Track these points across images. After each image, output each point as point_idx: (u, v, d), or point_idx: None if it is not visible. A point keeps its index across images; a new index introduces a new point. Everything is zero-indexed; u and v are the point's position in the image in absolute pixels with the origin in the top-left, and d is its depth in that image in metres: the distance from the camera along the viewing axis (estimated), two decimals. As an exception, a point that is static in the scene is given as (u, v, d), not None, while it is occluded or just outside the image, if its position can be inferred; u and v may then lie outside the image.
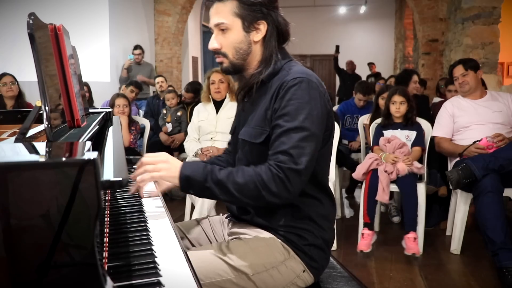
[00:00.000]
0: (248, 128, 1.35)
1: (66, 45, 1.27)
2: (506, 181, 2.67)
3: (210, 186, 1.22)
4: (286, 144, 1.21)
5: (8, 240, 0.68)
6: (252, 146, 1.33)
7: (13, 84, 3.98)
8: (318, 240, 1.34)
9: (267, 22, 1.31)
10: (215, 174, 1.23)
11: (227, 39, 1.32)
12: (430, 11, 7.17)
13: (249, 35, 1.31)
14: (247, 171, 1.23)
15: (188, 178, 1.24)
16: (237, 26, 1.30)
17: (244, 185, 1.21)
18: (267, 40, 1.33)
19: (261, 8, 1.29)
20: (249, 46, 1.32)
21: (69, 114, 1.25)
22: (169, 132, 4.60)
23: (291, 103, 1.24)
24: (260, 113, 1.32)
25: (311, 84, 1.26)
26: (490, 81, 5.27)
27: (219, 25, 1.31)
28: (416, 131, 3.12)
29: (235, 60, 1.34)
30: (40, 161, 0.77)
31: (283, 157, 1.21)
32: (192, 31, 9.50)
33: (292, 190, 1.21)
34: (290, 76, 1.27)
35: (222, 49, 1.33)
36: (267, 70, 1.32)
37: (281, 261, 1.31)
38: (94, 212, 0.72)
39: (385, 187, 2.87)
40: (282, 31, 1.34)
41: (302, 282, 1.34)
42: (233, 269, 1.27)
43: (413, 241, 2.78)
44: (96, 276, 0.72)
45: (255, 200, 1.22)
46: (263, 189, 1.20)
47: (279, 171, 1.20)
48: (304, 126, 1.22)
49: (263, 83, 1.34)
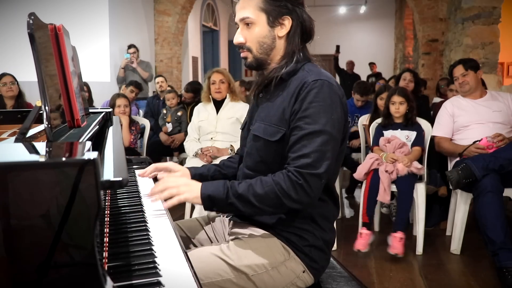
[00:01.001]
0: (262, 124, 1.35)
1: (66, 45, 1.27)
2: (506, 181, 2.67)
3: (233, 201, 1.24)
4: (307, 148, 1.22)
5: (8, 240, 0.68)
6: (267, 143, 1.33)
7: (13, 84, 3.98)
8: (318, 241, 1.34)
9: (291, 18, 1.32)
10: (235, 189, 1.25)
11: (252, 34, 1.33)
12: (430, 11, 7.17)
13: (274, 30, 1.32)
14: (265, 182, 1.24)
15: (210, 197, 1.26)
16: (262, 20, 1.31)
17: (265, 195, 1.22)
18: (291, 36, 1.34)
19: (286, 4, 1.31)
20: (273, 41, 1.33)
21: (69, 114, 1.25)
22: (169, 132, 4.60)
23: (313, 105, 1.24)
24: (277, 111, 1.32)
25: (332, 88, 1.27)
26: (490, 81, 5.27)
27: (244, 19, 1.32)
28: (416, 131, 3.12)
29: (259, 55, 1.34)
30: (40, 161, 0.77)
31: (304, 161, 1.21)
32: (192, 31, 9.50)
33: (312, 194, 1.22)
34: (311, 78, 1.27)
35: (247, 43, 1.34)
36: (288, 67, 1.33)
37: (281, 262, 1.31)
38: (94, 212, 0.72)
39: (386, 187, 2.88)
40: (306, 28, 1.35)
41: (302, 283, 1.34)
42: (233, 269, 1.27)
43: (399, 241, 2.78)
44: (96, 276, 0.72)
45: (277, 208, 1.24)
46: (284, 197, 1.21)
47: (299, 177, 1.20)
48: (326, 129, 1.23)
49: (281, 80, 1.34)
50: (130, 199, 1.48)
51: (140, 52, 6.60)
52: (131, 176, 1.80)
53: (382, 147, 3.12)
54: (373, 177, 2.94)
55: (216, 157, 3.14)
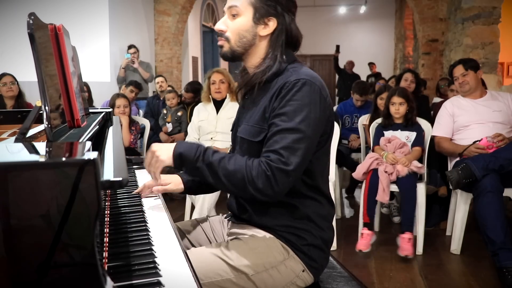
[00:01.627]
0: (247, 126, 1.36)
1: (66, 45, 1.27)
2: (506, 181, 2.67)
3: (201, 166, 1.24)
4: (279, 144, 1.22)
5: (8, 240, 0.68)
6: (251, 144, 1.33)
7: (13, 84, 3.98)
8: (317, 240, 1.34)
9: (277, 21, 1.32)
10: (208, 156, 1.25)
11: (235, 24, 1.33)
12: (430, 11, 7.17)
13: (257, 27, 1.32)
14: (239, 160, 1.24)
15: (180, 155, 1.27)
16: (248, 14, 1.32)
17: (232, 172, 1.22)
18: (273, 39, 1.33)
19: (276, 6, 1.31)
20: (253, 37, 1.33)
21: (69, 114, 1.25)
22: (169, 132, 4.60)
23: (290, 103, 1.24)
24: (259, 111, 1.32)
25: (313, 87, 1.26)
26: (490, 81, 5.27)
27: (231, 8, 1.33)
28: (416, 132, 3.12)
29: (236, 47, 1.34)
30: (40, 161, 0.77)
31: (274, 156, 1.21)
32: (192, 31, 9.50)
33: (277, 189, 1.21)
34: (293, 77, 1.27)
35: (227, 33, 1.34)
36: (271, 70, 1.32)
37: (281, 261, 1.31)
38: (94, 212, 0.72)
39: (385, 187, 2.87)
40: (292, 36, 1.35)
41: (301, 282, 1.34)
42: (232, 269, 1.27)
43: (408, 241, 2.78)
44: (96, 276, 0.72)
45: (240, 190, 1.24)
46: (249, 183, 1.20)
47: (268, 168, 1.20)
48: (299, 128, 1.22)
49: (265, 82, 1.34)
50: (130, 199, 1.48)
51: (140, 52, 6.60)
52: (131, 176, 1.80)
53: (383, 147, 3.12)
54: (372, 177, 2.94)
55: (216, 157, 3.14)
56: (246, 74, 1.40)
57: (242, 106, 1.46)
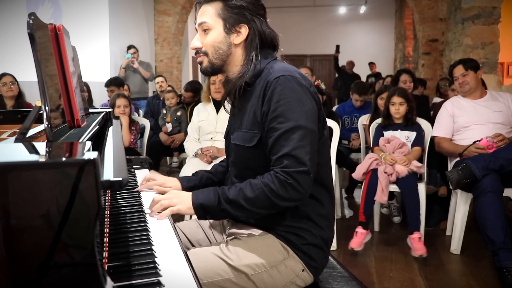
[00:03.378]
0: (240, 132, 1.36)
1: (66, 45, 1.26)
2: (506, 181, 2.67)
3: (225, 207, 1.26)
4: (287, 147, 1.22)
5: (8, 240, 0.68)
6: (246, 150, 1.34)
7: (13, 84, 3.98)
8: (317, 239, 1.35)
9: (249, 27, 1.34)
10: (226, 195, 1.26)
11: (208, 38, 1.35)
12: (430, 11, 7.17)
13: (230, 37, 1.35)
14: (255, 185, 1.24)
15: (202, 206, 1.29)
16: (218, 26, 1.34)
17: (255, 198, 1.23)
18: (248, 44, 1.36)
19: (244, 12, 1.33)
20: (228, 47, 1.35)
21: (69, 114, 1.25)
22: (169, 132, 4.60)
23: (280, 103, 1.25)
24: (249, 116, 1.33)
25: (296, 80, 1.28)
26: (490, 81, 5.27)
27: (202, 24, 1.36)
28: (416, 132, 3.12)
29: (214, 60, 1.37)
30: (40, 161, 0.77)
31: (287, 161, 1.21)
32: (192, 31, 9.50)
33: (303, 191, 1.22)
34: (273, 76, 1.28)
35: (203, 48, 1.37)
36: (248, 73, 1.34)
37: (281, 261, 1.31)
38: (94, 212, 0.72)
39: (384, 188, 2.87)
40: (266, 38, 1.37)
41: (301, 282, 1.34)
42: (232, 268, 1.27)
43: (419, 241, 2.77)
44: (96, 276, 0.72)
45: (270, 209, 1.25)
46: (275, 198, 1.22)
47: (287, 177, 1.21)
48: (300, 124, 1.23)
49: (247, 86, 1.35)
50: (130, 199, 1.48)
51: (140, 52, 6.60)
52: (131, 176, 1.80)
53: (382, 147, 3.12)
54: (371, 177, 2.94)
55: (216, 157, 3.14)
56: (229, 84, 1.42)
57: (232, 114, 1.48)
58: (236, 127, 1.40)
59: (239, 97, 1.37)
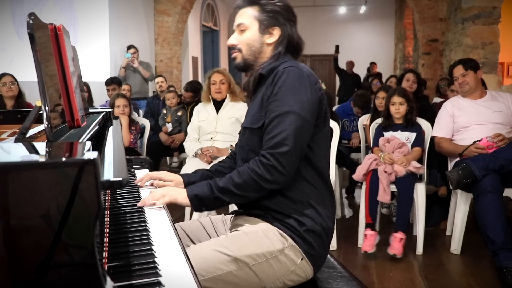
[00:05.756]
0: (249, 117, 1.48)
1: (66, 45, 1.26)
2: (506, 181, 2.67)
3: (217, 195, 1.36)
4: (277, 128, 1.33)
5: (8, 240, 0.68)
6: (252, 132, 1.44)
7: (13, 84, 3.98)
8: (317, 227, 1.37)
9: (281, 30, 1.48)
10: (217, 184, 1.37)
11: (244, 37, 1.49)
12: (430, 11, 7.16)
13: (263, 37, 1.48)
14: (242, 171, 1.36)
15: (197, 197, 1.38)
16: (254, 27, 1.48)
17: (244, 183, 1.34)
18: (277, 45, 1.49)
19: (278, 17, 1.47)
20: (261, 45, 1.49)
21: (69, 114, 1.25)
22: (169, 132, 4.60)
23: (282, 89, 1.36)
24: (259, 101, 1.44)
25: (302, 74, 1.39)
26: (490, 81, 5.27)
27: (239, 25, 1.49)
28: (416, 133, 3.11)
29: (247, 56, 1.49)
30: (40, 161, 0.77)
31: (274, 141, 1.32)
32: (192, 31, 9.50)
33: (286, 172, 1.32)
34: (282, 66, 1.40)
35: (238, 45, 1.50)
36: (267, 66, 1.45)
37: (280, 250, 1.34)
38: (94, 212, 0.72)
39: (385, 187, 2.87)
40: (294, 42, 1.50)
41: (301, 271, 1.37)
42: (233, 260, 1.29)
43: (399, 241, 2.78)
44: (96, 276, 0.72)
45: (259, 191, 1.35)
46: (261, 180, 1.32)
47: (270, 159, 1.31)
48: (293, 110, 1.33)
49: (264, 78, 1.46)
50: (130, 199, 1.48)
51: (140, 52, 6.60)
52: (131, 176, 1.80)
53: (381, 147, 3.12)
54: (372, 178, 2.94)
55: (216, 157, 3.14)
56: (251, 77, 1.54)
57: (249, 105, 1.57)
58: (249, 115, 1.50)
59: (254, 87, 1.50)
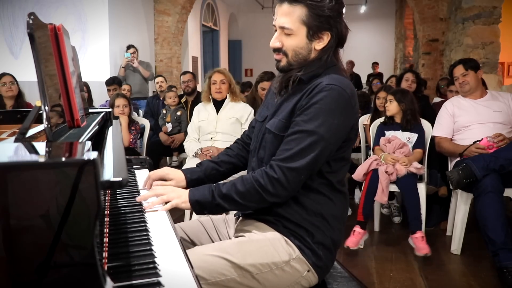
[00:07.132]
0: (276, 120, 1.38)
1: (66, 45, 1.26)
2: (506, 181, 2.66)
3: (219, 202, 1.31)
4: (294, 142, 1.27)
5: (8, 240, 0.68)
6: (276, 137, 1.37)
7: (12, 84, 3.98)
8: (327, 239, 1.35)
9: (331, 34, 1.35)
10: (220, 190, 1.32)
11: (289, 42, 1.35)
12: (430, 11, 7.16)
13: (311, 43, 1.35)
14: (246, 179, 1.31)
15: (198, 202, 1.34)
16: (301, 33, 1.33)
17: (246, 192, 1.29)
18: (326, 49, 1.36)
19: (329, 20, 1.32)
20: (309, 52, 1.36)
21: (69, 114, 1.25)
22: (169, 132, 4.60)
23: (315, 106, 1.27)
24: (290, 108, 1.35)
25: (343, 95, 1.29)
26: (490, 81, 5.27)
27: (284, 29, 1.34)
28: (418, 134, 3.11)
29: (293, 61, 1.37)
30: (40, 161, 0.77)
31: (286, 154, 1.27)
32: (192, 31, 9.49)
33: (290, 188, 1.27)
34: (326, 81, 1.29)
35: (283, 48, 1.36)
36: (308, 71, 1.35)
37: (286, 261, 1.31)
38: (94, 212, 0.72)
39: (384, 188, 2.87)
40: (342, 38, 1.38)
41: (306, 282, 1.35)
42: (237, 267, 1.27)
43: (422, 240, 2.76)
44: (96, 276, 0.72)
45: (259, 203, 1.30)
46: (263, 192, 1.27)
47: (276, 172, 1.26)
48: (318, 131, 1.26)
49: (302, 82, 1.35)
50: (130, 199, 1.48)
51: (140, 52, 6.60)
52: (131, 176, 1.80)
53: (382, 147, 3.12)
54: (372, 177, 2.94)
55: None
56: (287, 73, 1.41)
57: (276, 101, 1.46)
58: (275, 115, 1.41)
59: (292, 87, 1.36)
